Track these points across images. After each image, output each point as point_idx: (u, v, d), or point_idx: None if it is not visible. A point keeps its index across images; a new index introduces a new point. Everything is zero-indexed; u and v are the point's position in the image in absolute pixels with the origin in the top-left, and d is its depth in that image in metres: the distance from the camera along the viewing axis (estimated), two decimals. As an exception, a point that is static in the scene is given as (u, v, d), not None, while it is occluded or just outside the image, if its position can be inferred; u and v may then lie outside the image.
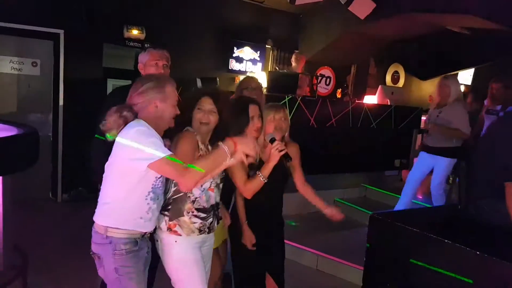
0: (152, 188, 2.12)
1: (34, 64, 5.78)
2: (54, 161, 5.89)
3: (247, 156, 2.17)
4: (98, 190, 2.22)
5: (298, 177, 2.88)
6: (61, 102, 5.79)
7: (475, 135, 4.99)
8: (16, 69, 5.66)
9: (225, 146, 2.09)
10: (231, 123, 2.52)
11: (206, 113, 2.30)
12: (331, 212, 2.80)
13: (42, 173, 5.69)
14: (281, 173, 2.72)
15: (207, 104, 2.31)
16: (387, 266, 2.66)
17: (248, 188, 2.56)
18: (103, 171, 2.17)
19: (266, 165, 2.54)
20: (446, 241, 2.33)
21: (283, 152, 2.49)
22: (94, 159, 2.60)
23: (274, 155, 2.50)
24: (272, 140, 2.54)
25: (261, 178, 2.53)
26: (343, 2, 6.44)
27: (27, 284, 3.36)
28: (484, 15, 5.80)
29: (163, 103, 2.14)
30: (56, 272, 3.71)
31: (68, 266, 3.75)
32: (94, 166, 2.50)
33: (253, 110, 2.62)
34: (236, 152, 2.12)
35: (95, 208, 2.18)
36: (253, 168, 2.57)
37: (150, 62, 2.83)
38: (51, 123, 5.87)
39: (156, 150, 2.00)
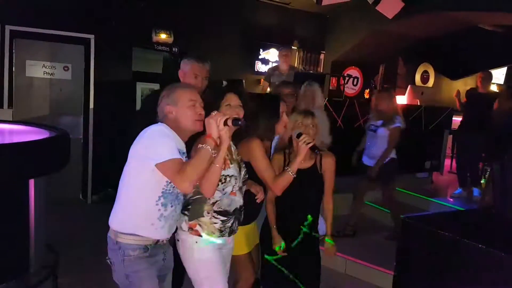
0: (162, 192, 2.09)
1: (66, 69, 5.93)
2: (84, 163, 6.02)
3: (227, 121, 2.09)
4: None
5: (326, 189, 2.76)
6: (91, 105, 5.92)
7: (359, 151, 4.80)
8: (48, 73, 5.81)
9: (202, 145, 2.04)
10: (261, 118, 2.53)
11: (236, 108, 2.32)
12: (326, 246, 2.80)
13: (73, 174, 5.82)
14: (313, 179, 2.66)
15: (234, 100, 2.33)
16: (419, 271, 2.59)
17: (277, 183, 2.53)
18: None
19: (294, 160, 2.51)
20: (480, 246, 2.24)
21: (310, 145, 2.46)
22: None
23: (301, 148, 2.47)
24: (299, 135, 2.52)
25: (290, 173, 2.49)
26: (370, 2, 6.34)
27: (58, 284, 3.42)
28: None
29: (175, 107, 2.13)
30: (86, 273, 3.78)
31: (98, 267, 3.80)
32: None
33: (282, 106, 2.66)
34: (213, 141, 2.04)
35: None
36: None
37: (190, 74, 2.91)
38: (82, 126, 6.00)
39: (164, 151, 2.00)
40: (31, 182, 3.16)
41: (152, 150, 2.01)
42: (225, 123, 2.08)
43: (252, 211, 2.62)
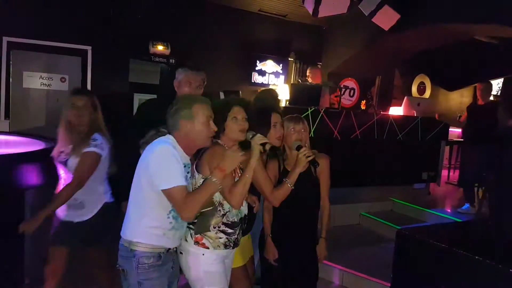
0: (172, 207, 2.14)
1: (63, 80, 5.94)
2: (81, 174, 5.99)
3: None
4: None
5: (322, 190, 2.76)
6: (88, 117, 5.91)
7: None
8: (46, 84, 5.82)
9: (214, 178, 2.09)
10: (253, 129, 2.52)
11: (242, 121, 2.32)
12: (320, 246, 2.74)
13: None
14: (309, 183, 2.66)
15: (241, 113, 2.33)
16: (415, 283, 2.57)
17: (275, 195, 2.53)
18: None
19: (292, 171, 2.52)
20: (477, 257, 2.23)
21: (310, 158, 2.47)
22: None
23: (301, 160, 2.48)
24: (299, 147, 2.52)
25: (289, 184, 2.50)
26: (366, 14, 6.39)
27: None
28: (513, 24, 5.66)
29: (190, 122, 2.14)
30: (81, 285, 3.74)
31: (93, 279, 3.78)
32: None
33: (275, 117, 2.62)
34: (225, 175, 2.12)
35: (118, 221, 2.22)
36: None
37: (184, 82, 2.93)
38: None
39: (169, 177, 2.04)
40: (26, 193, 3.14)
41: (159, 175, 2.06)
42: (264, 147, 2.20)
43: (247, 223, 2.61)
